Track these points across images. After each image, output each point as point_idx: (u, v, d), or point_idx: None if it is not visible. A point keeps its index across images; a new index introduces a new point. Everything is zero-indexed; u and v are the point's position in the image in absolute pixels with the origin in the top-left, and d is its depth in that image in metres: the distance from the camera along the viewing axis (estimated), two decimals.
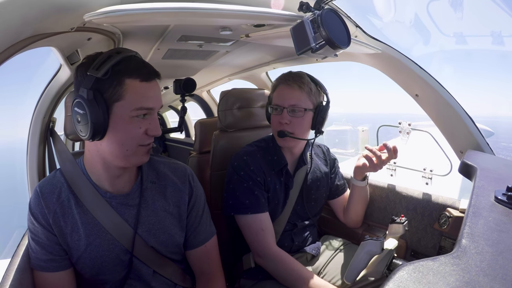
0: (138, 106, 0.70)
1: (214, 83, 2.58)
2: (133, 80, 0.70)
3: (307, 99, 1.10)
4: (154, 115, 0.75)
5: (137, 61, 0.73)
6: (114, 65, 0.69)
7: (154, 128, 0.74)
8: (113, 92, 0.69)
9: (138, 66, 0.72)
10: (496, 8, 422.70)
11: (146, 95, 0.71)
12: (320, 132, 1.16)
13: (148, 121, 0.73)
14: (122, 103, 0.70)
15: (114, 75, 0.69)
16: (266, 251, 1.06)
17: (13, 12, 0.58)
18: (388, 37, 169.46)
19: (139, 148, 0.74)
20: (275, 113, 1.13)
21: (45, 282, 0.77)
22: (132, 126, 0.71)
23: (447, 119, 1.16)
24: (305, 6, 0.77)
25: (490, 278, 0.40)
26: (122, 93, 0.69)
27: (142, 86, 0.71)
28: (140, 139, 0.73)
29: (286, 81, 1.11)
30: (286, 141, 1.12)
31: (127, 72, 0.69)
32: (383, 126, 1.38)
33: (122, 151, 0.72)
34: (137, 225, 0.81)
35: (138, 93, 0.70)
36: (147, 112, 0.73)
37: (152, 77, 0.73)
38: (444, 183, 1.47)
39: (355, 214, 1.28)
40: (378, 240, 0.88)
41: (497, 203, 0.63)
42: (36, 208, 0.76)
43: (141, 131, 0.73)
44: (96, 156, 0.77)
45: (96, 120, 0.68)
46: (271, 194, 1.14)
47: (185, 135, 3.66)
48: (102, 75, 0.67)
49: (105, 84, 0.69)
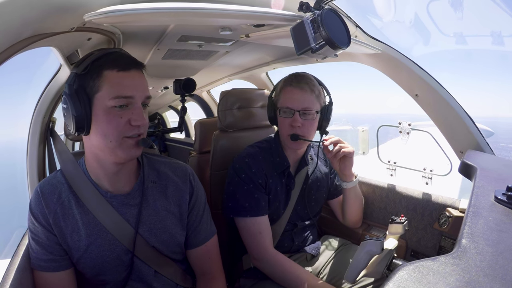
0: (114, 95, 0.71)
1: (214, 83, 2.58)
2: (111, 71, 0.72)
3: (316, 101, 1.10)
4: (137, 104, 0.73)
5: (118, 54, 0.75)
6: (95, 61, 0.72)
7: (137, 117, 0.73)
8: (92, 85, 0.71)
9: (117, 58, 0.73)
10: (496, 8, 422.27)
11: (122, 84, 0.72)
12: (326, 133, 1.15)
13: (130, 111, 0.73)
14: (101, 94, 0.71)
15: (93, 69, 0.71)
16: (263, 254, 1.07)
17: (13, 12, 0.58)
18: (388, 37, 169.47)
19: (124, 140, 0.73)
20: (285, 116, 1.10)
21: (45, 282, 0.77)
22: (112, 116, 0.71)
23: (447, 119, 1.16)
24: (305, 6, 0.77)
25: (490, 278, 0.40)
26: (100, 85, 0.71)
27: (119, 75, 0.72)
28: (123, 129, 0.72)
29: (297, 83, 1.09)
30: (298, 144, 1.12)
31: (105, 64, 0.72)
32: (383, 126, 1.38)
33: (107, 143, 0.73)
34: (138, 224, 0.81)
35: (114, 82, 0.71)
36: (127, 102, 0.72)
37: (130, 66, 0.73)
38: (444, 183, 1.47)
39: (353, 215, 1.28)
40: (378, 240, 0.88)
41: (497, 203, 0.63)
42: (36, 208, 0.76)
43: (123, 121, 0.72)
44: (90, 153, 0.78)
45: (77, 113, 0.70)
46: (272, 196, 1.14)
47: (185, 135, 3.66)
48: (82, 70, 0.71)
49: (86, 78, 0.71)
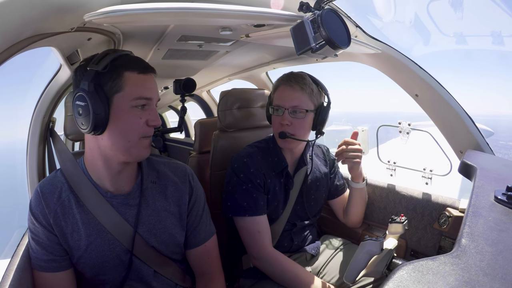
0: (137, 96, 0.73)
1: (214, 83, 2.58)
2: (131, 73, 0.73)
3: (308, 100, 1.10)
4: (153, 106, 0.77)
5: (133, 57, 0.78)
6: (113, 60, 0.72)
7: (154, 118, 0.77)
8: (112, 84, 0.72)
9: (135, 61, 0.76)
10: (496, 8, 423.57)
11: (144, 86, 0.75)
12: (321, 133, 1.15)
13: (147, 112, 0.76)
14: (122, 94, 0.72)
15: (113, 68, 0.72)
16: (261, 253, 1.07)
17: (13, 12, 0.58)
18: (388, 37, 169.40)
19: (140, 140, 0.76)
20: (276, 114, 1.12)
21: (45, 282, 0.77)
22: (132, 116, 0.74)
23: (447, 119, 1.16)
24: (305, 6, 0.77)
25: (490, 278, 0.40)
26: (121, 85, 0.72)
27: (140, 77, 0.74)
28: (142, 130, 0.75)
29: (288, 82, 1.10)
30: (287, 142, 1.12)
31: (125, 65, 0.73)
32: (383, 126, 1.38)
33: (124, 143, 0.74)
34: (138, 224, 0.81)
35: (136, 84, 0.73)
36: (146, 103, 0.75)
37: (148, 70, 0.77)
38: (444, 183, 1.47)
39: (355, 215, 1.29)
40: (378, 240, 0.88)
41: (497, 203, 0.63)
42: (36, 208, 0.76)
43: (142, 121, 0.75)
44: (96, 153, 0.78)
45: (97, 111, 0.70)
46: (271, 196, 1.14)
47: (185, 135, 3.66)
48: (102, 69, 0.71)
49: (105, 77, 0.71)
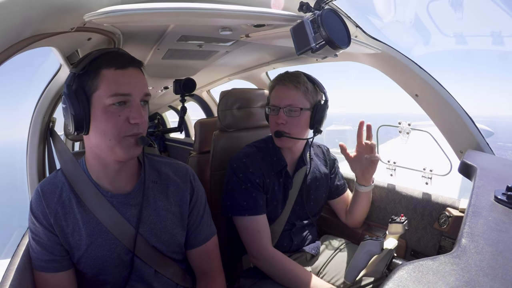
0: (112, 93, 0.71)
1: (214, 83, 2.58)
2: (108, 70, 0.72)
3: (303, 98, 1.10)
4: (135, 102, 0.73)
5: (116, 53, 0.75)
6: (93, 60, 0.72)
7: (136, 115, 0.72)
8: (91, 84, 0.71)
9: (114, 57, 0.74)
10: (496, 8, 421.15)
11: (119, 82, 0.72)
12: (319, 131, 1.15)
13: (128, 109, 0.72)
14: (99, 92, 0.71)
15: (91, 68, 0.72)
16: (261, 252, 1.07)
17: (13, 12, 0.58)
18: (388, 37, 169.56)
19: (124, 139, 0.73)
20: (272, 114, 1.13)
21: (45, 282, 0.77)
22: (110, 114, 0.71)
23: (447, 119, 1.16)
24: (305, 6, 0.77)
25: (490, 278, 0.40)
26: (98, 83, 0.71)
27: (116, 73, 0.72)
28: (122, 128, 0.72)
29: (282, 81, 1.11)
30: (283, 141, 1.12)
31: (103, 63, 0.72)
32: (383, 126, 1.38)
33: (106, 141, 0.73)
34: (139, 224, 0.81)
35: (111, 80, 0.71)
36: (125, 99, 0.72)
37: (127, 64, 0.73)
38: (444, 183, 1.47)
39: (358, 216, 1.29)
40: (378, 240, 0.88)
41: (497, 203, 0.63)
42: (37, 208, 0.76)
43: (121, 119, 0.72)
44: (90, 153, 0.79)
45: (75, 112, 0.70)
46: (270, 195, 1.14)
47: (185, 135, 3.66)
48: (80, 70, 0.71)
49: (84, 78, 0.72)
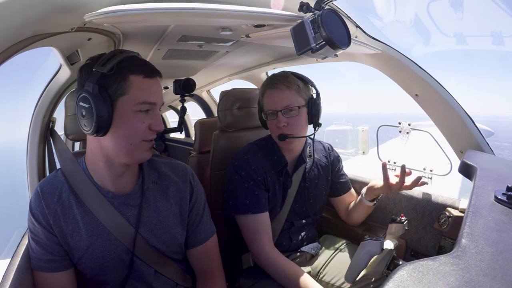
0: (141, 100, 0.73)
1: (214, 83, 2.57)
2: (137, 76, 0.73)
3: (297, 96, 1.10)
4: (157, 110, 0.77)
5: (140, 59, 0.77)
6: (119, 63, 0.72)
7: (157, 123, 0.76)
8: (117, 87, 0.71)
9: (141, 64, 0.75)
10: (496, 8, 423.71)
11: (149, 90, 0.74)
12: (318, 125, 1.15)
13: (150, 116, 0.76)
14: (126, 97, 0.72)
15: (118, 71, 0.71)
16: (263, 251, 1.07)
17: (13, 12, 0.58)
18: (388, 37, 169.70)
19: (142, 143, 0.76)
20: (271, 118, 1.13)
21: (45, 282, 0.77)
22: (136, 120, 0.73)
23: (447, 119, 1.16)
24: (305, 6, 0.77)
25: (490, 278, 0.40)
26: (126, 88, 0.72)
27: (145, 81, 0.74)
28: (144, 134, 0.75)
29: (273, 85, 1.10)
30: (288, 143, 1.12)
31: (131, 68, 0.72)
32: (383, 126, 1.38)
33: (126, 145, 0.74)
34: (139, 225, 0.81)
35: (141, 88, 0.73)
36: (150, 108, 0.75)
37: (154, 74, 0.76)
38: (444, 183, 1.47)
39: (359, 219, 1.31)
40: (378, 240, 0.88)
41: (497, 203, 0.63)
42: (36, 208, 0.76)
43: (144, 125, 0.75)
44: (98, 154, 0.78)
45: (101, 113, 0.70)
46: (271, 194, 1.14)
47: (185, 135, 3.66)
48: (108, 71, 0.70)
49: (110, 79, 0.71)
